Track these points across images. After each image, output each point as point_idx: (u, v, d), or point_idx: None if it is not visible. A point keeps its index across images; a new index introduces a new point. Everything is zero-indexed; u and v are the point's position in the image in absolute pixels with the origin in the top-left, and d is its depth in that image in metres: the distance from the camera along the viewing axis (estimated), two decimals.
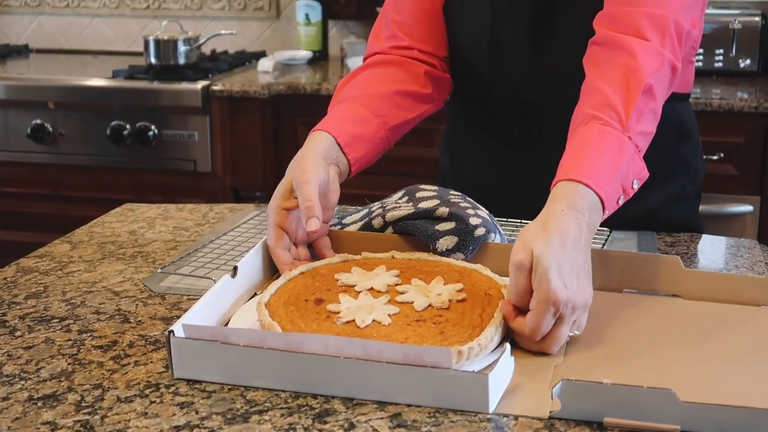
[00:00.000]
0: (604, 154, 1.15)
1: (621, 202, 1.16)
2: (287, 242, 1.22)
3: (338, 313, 1.06)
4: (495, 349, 1.01)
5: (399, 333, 1.02)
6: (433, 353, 0.91)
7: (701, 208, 1.67)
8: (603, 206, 1.12)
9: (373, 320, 1.04)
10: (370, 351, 0.93)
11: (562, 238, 1.04)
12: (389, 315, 1.06)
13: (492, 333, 1.00)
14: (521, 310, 1.04)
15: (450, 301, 1.09)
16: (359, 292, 1.12)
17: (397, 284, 1.14)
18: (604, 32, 1.28)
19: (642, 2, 1.27)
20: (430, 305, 1.08)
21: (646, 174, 1.20)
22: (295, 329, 1.03)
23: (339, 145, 1.31)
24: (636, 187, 1.19)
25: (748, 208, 2.79)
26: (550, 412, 0.91)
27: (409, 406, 0.93)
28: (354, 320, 1.04)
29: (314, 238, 1.26)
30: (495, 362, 0.94)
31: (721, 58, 3.03)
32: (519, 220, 1.48)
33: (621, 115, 1.18)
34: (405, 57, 1.49)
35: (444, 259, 1.21)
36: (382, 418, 0.91)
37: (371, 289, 1.12)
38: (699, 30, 1.36)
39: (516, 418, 0.91)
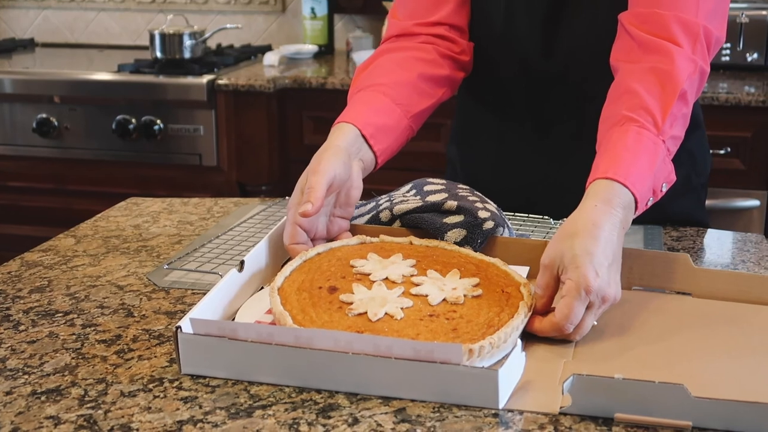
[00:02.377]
0: (640, 156, 1.16)
1: (650, 204, 1.18)
2: (304, 238, 1.20)
3: (351, 304, 1.05)
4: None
5: (411, 328, 1.00)
6: (443, 350, 0.91)
7: (708, 202, 1.67)
8: (636, 206, 1.13)
9: (386, 313, 1.03)
10: (380, 347, 0.92)
11: (594, 230, 1.06)
12: (402, 308, 1.04)
13: (507, 335, 0.99)
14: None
15: (465, 296, 1.07)
16: (374, 282, 1.10)
17: (412, 275, 1.12)
18: (636, 33, 1.29)
19: (673, 6, 1.27)
20: (444, 299, 1.07)
21: (674, 178, 1.22)
22: (306, 318, 1.02)
23: (364, 137, 1.29)
24: (665, 190, 1.21)
25: (755, 202, 2.78)
26: (561, 407, 0.90)
27: (413, 401, 0.92)
28: (366, 312, 1.03)
29: (334, 235, 1.25)
30: (505, 358, 0.93)
31: (728, 52, 3.02)
32: (526, 214, 1.47)
33: (657, 119, 1.19)
34: (424, 34, 1.47)
35: (462, 249, 1.20)
36: (386, 413, 0.90)
37: (386, 279, 1.11)
38: (723, 35, 1.37)
39: (521, 413, 0.90)
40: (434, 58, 1.45)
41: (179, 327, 0.97)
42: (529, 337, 1.05)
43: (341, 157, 1.22)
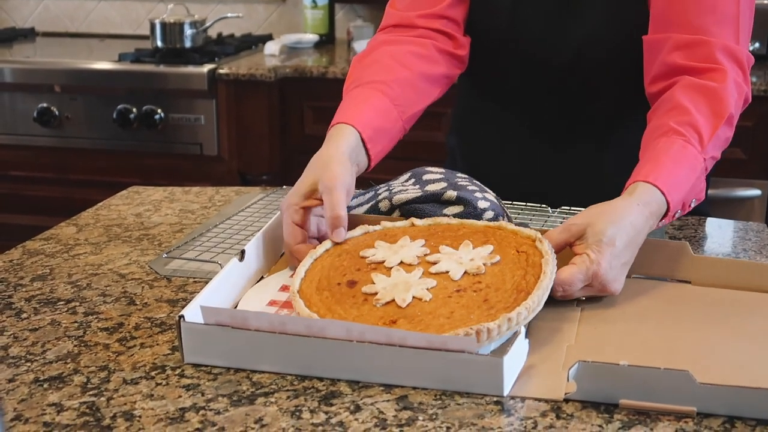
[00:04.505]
0: (682, 169, 1.20)
1: (677, 216, 1.21)
2: (304, 236, 1.19)
3: (375, 294, 1.03)
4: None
5: (443, 307, 0.99)
6: (457, 341, 0.90)
7: (709, 192, 1.66)
8: (666, 214, 1.17)
9: (413, 297, 1.02)
10: (393, 338, 0.92)
11: (629, 228, 1.11)
12: (428, 289, 1.03)
13: (540, 297, 1.00)
14: None
15: (485, 264, 1.06)
16: (390, 268, 1.09)
17: (426, 254, 1.11)
18: (681, 59, 1.31)
19: (718, 33, 1.31)
20: (466, 272, 1.06)
21: (703, 197, 1.25)
22: (335, 318, 1.00)
23: (363, 140, 1.27)
24: (693, 205, 1.24)
25: (756, 192, 2.78)
26: (566, 393, 0.90)
27: (415, 388, 0.92)
28: (394, 300, 1.02)
29: (322, 234, 1.24)
30: (509, 344, 0.93)
31: None
32: (524, 203, 1.47)
33: (703, 138, 1.23)
34: (422, 27, 1.46)
35: (465, 220, 1.19)
36: (388, 401, 0.90)
37: (401, 263, 1.09)
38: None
39: (523, 400, 0.90)
40: (432, 54, 1.45)
41: (182, 316, 0.97)
42: (531, 319, 1.05)
43: (349, 168, 1.21)
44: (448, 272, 1.06)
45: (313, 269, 1.11)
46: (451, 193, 1.25)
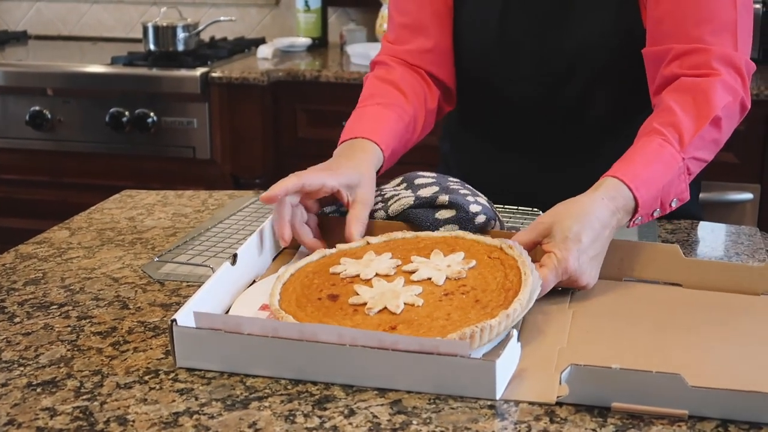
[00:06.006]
0: (655, 166, 1.21)
1: (656, 215, 1.23)
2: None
3: (364, 305, 1.02)
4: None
5: (438, 311, 1.00)
6: (449, 345, 0.91)
7: (701, 196, 1.67)
8: (636, 211, 1.18)
9: (405, 303, 1.01)
10: (384, 343, 0.92)
11: (594, 222, 1.12)
12: (416, 295, 1.03)
13: (531, 292, 1.01)
14: None
15: (463, 269, 1.07)
16: (368, 280, 1.08)
17: (398, 265, 1.10)
18: (678, 68, 1.32)
19: (716, 42, 1.32)
20: (447, 278, 1.06)
21: (687, 197, 1.26)
22: None
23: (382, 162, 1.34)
24: (674, 206, 1.25)
25: (748, 195, 2.78)
26: (558, 397, 0.90)
27: (409, 392, 0.92)
28: (386, 308, 1.01)
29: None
30: (501, 348, 0.93)
31: None
32: (516, 207, 1.48)
33: (684, 137, 1.24)
34: (409, 64, 1.50)
35: (420, 233, 1.20)
36: (382, 405, 0.90)
37: (377, 274, 1.09)
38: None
39: (517, 404, 0.90)
40: (430, 86, 1.50)
41: (174, 320, 0.97)
42: (523, 321, 1.06)
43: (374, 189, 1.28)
44: (430, 279, 1.06)
45: (286, 291, 1.08)
46: (444, 198, 1.25)
